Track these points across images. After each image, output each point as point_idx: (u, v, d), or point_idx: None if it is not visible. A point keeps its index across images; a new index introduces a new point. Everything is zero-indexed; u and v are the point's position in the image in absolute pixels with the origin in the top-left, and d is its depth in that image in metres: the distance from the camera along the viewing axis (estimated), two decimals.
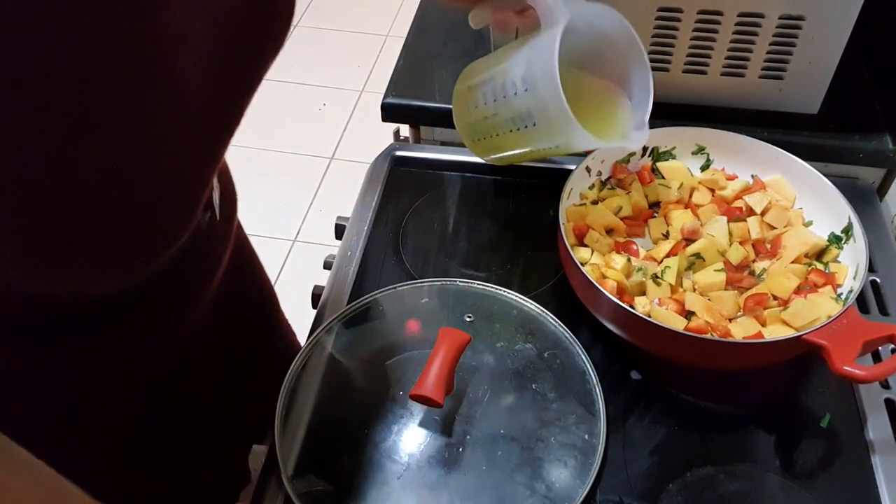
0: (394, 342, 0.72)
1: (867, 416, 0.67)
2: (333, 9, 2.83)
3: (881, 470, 0.64)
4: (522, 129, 0.70)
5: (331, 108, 2.46)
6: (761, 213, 0.77)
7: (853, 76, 0.93)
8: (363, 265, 0.81)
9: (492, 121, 0.73)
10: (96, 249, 0.45)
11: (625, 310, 0.65)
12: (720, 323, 0.68)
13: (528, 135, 0.71)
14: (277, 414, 0.64)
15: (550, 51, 0.63)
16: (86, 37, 0.37)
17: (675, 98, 0.90)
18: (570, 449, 0.62)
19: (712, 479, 0.64)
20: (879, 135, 0.87)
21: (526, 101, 0.68)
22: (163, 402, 0.69)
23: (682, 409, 0.69)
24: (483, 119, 0.74)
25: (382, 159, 0.93)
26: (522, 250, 0.82)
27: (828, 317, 0.64)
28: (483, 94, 0.73)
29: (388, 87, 0.94)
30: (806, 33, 0.82)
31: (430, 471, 0.61)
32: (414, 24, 1.05)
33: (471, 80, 0.75)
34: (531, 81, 0.66)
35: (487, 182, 0.91)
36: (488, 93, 0.72)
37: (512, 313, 0.72)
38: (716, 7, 0.81)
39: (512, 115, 0.70)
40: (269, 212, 2.10)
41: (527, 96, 0.67)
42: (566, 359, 0.69)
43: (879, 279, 0.78)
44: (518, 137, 0.72)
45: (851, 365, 0.59)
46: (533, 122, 0.69)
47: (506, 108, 0.70)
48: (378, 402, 0.66)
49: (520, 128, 0.70)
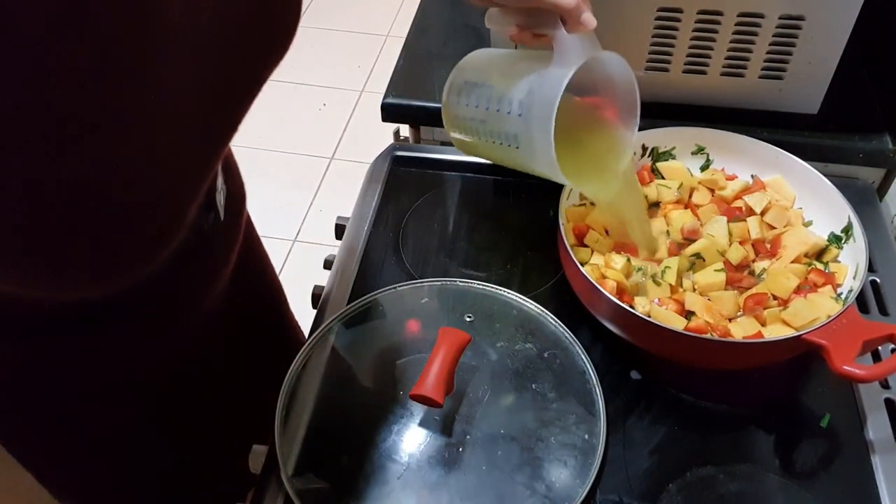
0: (394, 342, 0.72)
1: (867, 416, 0.67)
2: (333, 9, 2.83)
3: (881, 470, 0.64)
4: (505, 145, 0.71)
5: (331, 108, 2.46)
6: (761, 212, 0.77)
7: (853, 76, 0.93)
8: (363, 265, 0.81)
9: (478, 124, 0.73)
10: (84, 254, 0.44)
11: (625, 310, 0.65)
12: (720, 323, 0.68)
13: (508, 153, 0.71)
14: (277, 414, 0.64)
15: (553, 94, 0.62)
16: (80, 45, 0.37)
17: (675, 98, 0.90)
18: (570, 449, 0.62)
19: (712, 479, 0.64)
20: (879, 135, 0.87)
21: (517, 125, 0.68)
22: (165, 400, 0.69)
23: (682, 409, 0.69)
24: (470, 119, 0.74)
25: (382, 159, 0.93)
26: (522, 250, 0.82)
27: (827, 316, 0.64)
28: (477, 97, 0.72)
29: (388, 87, 0.94)
30: (806, 33, 0.82)
31: (430, 471, 0.61)
32: (414, 24, 1.05)
33: (468, 75, 0.75)
34: (527, 110, 0.67)
35: (487, 182, 0.91)
36: (482, 98, 0.72)
37: (512, 313, 0.73)
38: (716, 7, 0.81)
39: (499, 130, 0.70)
40: (269, 212, 2.10)
41: (519, 121, 0.68)
42: (566, 359, 0.69)
43: (879, 279, 0.78)
44: (497, 149, 0.72)
45: (851, 364, 0.59)
46: (517, 145, 0.69)
47: (496, 120, 0.70)
48: (378, 401, 0.66)
49: (503, 143, 0.71)
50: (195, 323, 0.67)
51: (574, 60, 0.63)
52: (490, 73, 0.73)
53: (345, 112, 2.44)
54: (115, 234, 0.45)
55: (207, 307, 0.68)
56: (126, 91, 0.40)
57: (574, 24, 0.61)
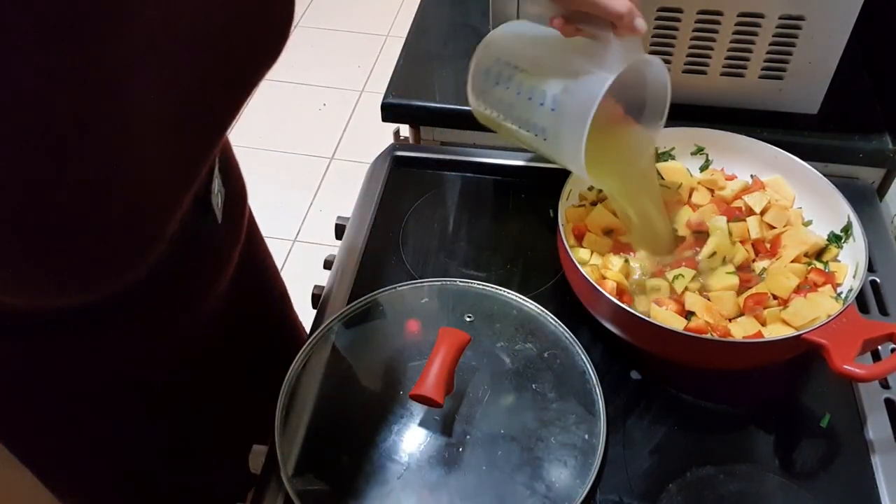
0: (394, 342, 0.72)
1: (867, 416, 0.67)
2: (333, 9, 2.83)
3: (881, 470, 0.64)
4: (531, 134, 0.69)
5: (331, 108, 2.46)
6: (761, 212, 0.77)
7: (853, 76, 0.93)
8: (363, 265, 0.81)
9: (504, 107, 0.71)
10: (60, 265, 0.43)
11: (624, 310, 0.65)
12: (720, 323, 0.68)
13: (531, 140, 0.70)
14: (277, 414, 0.64)
15: (592, 97, 0.61)
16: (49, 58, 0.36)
17: (675, 98, 0.89)
18: (570, 449, 0.63)
19: (712, 479, 0.64)
20: (879, 135, 0.87)
21: (547, 119, 0.66)
22: (165, 400, 0.69)
23: (682, 409, 0.69)
24: (497, 100, 0.72)
25: (382, 159, 0.93)
26: (522, 250, 0.82)
27: (827, 316, 0.64)
28: (507, 80, 0.70)
29: (388, 87, 0.94)
30: (806, 33, 0.82)
31: (430, 471, 0.61)
32: (414, 24, 1.05)
33: (499, 52, 0.72)
34: (561, 107, 0.65)
35: (487, 182, 0.91)
36: (513, 83, 0.69)
37: (512, 313, 0.73)
38: (716, 7, 0.81)
39: (527, 119, 0.69)
40: (269, 212, 2.08)
41: (550, 116, 0.66)
42: (566, 359, 0.69)
43: (879, 279, 0.78)
44: (522, 135, 0.71)
45: (851, 364, 0.59)
46: (544, 137, 0.68)
47: (524, 109, 0.68)
48: (378, 401, 0.66)
49: (529, 131, 0.69)
50: (195, 323, 0.67)
51: (618, 64, 0.61)
52: (522, 57, 0.70)
53: (345, 112, 2.44)
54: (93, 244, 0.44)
55: (208, 307, 0.68)
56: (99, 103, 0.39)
57: (625, 28, 0.59)
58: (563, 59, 0.66)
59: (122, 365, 0.62)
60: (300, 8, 2.84)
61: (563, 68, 0.66)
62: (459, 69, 0.96)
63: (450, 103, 0.91)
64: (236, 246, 0.71)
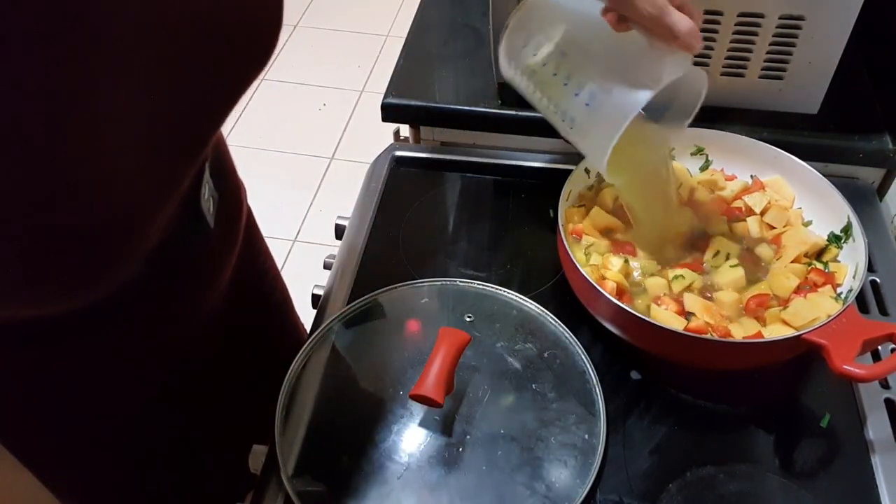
0: (394, 342, 0.72)
1: (867, 416, 0.67)
2: (333, 9, 2.83)
3: (881, 470, 0.64)
4: (559, 118, 0.67)
5: (331, 108, 2.46)
6: (761, 213, 0.77)
7: (853, 76, 0.93)
8: (363, 265, 0.81)
9: (538, 81, 0.68)
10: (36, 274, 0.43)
11: (624, 310, 0.65)
12: (720, 323, 0.68)
13: (557, 121, 0.68)
14: (277, 414, 0.64)
15: (632, 104, 0.59)
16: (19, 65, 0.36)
17: None
18: (570, 449, 0.63)
19: (712, 479, 0.64)
20: (879, 135, 0.87)
21: (579, 111, 0.65)
22: (164, 400, 0.69)
23: (682, 409, 0.69)
24: (530, 72, 0.69)
25: (382, 159, 0.93)
26: (522, 250, 0.82)
27: (827, 316, 0.64)
28: (546, 54, 0.67)
29: (388, 87, 0.94)
30: (806, 33, 0.82)
31: (430, 471, 0.61)
32: (414, 24, 1.05)
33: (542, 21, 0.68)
34: (598, 105, 0.63)
35: (487, 182, 0.91)
36: (551, 59, 0.66)
37: (512, 313, 0.73)
38: (716, 7, 0.81)
39: (558, 101, 0.67)
40: (269, 212, 2.08)
41: (584, 111, 0.64)
42: (566, 359, 0.69)
43: (879, 279, 0.78)
44: (547, 110, 0.69)
45: (851, 364, 0.59)
46: (571, 126, 0.66)
47: (558, 92, 0.66)
48: (378, 401, 0.66)
49: (557, 113, 0.67)
50: (195, 323, 0.67)
51: (667, 75, 0.59)
52: (567, 35, 0.67)
53: (345, 112, 2.44)
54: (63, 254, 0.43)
55: (207, 308, 0.68)
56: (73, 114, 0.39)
57: (683, 45, 0.58)
58: (608, 53, 0.64)
59: (122, 366, 0.62)
60: (300, 8, 2.84)
61: (606, 63, 0.64)
62: (459, 69, 0.96)
63: (450, 103, 0.91)
64: (232, 249, 0.71)
